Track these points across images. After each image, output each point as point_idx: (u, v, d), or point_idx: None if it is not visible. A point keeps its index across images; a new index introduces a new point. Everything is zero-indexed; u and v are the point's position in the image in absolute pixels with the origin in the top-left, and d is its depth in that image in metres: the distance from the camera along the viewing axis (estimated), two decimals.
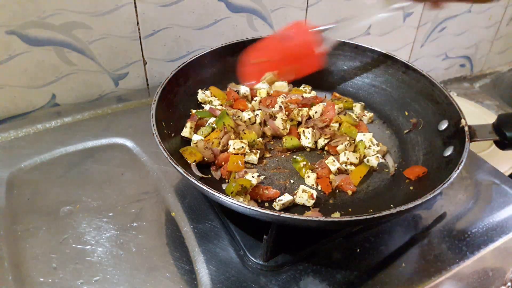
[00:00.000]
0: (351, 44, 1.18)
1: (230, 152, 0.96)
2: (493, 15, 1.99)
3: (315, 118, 1.07)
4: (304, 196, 0.87)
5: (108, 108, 1.23)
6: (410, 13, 1.73)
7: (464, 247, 0.88)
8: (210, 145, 0.96)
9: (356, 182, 0.93)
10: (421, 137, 1.02)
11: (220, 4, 1.31)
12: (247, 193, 0.87)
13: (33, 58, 1.14)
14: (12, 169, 1.00)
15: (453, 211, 0.97)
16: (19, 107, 1.20)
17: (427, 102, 1.04)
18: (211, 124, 1.01)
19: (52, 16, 1.11)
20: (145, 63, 1.32)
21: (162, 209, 0.93)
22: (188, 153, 0.93)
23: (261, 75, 1.16)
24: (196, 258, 0.83)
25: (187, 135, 1.00)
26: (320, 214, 0.86)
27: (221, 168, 0.95)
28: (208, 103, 1.10)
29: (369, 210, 0.87)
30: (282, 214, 0.70)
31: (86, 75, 1.24)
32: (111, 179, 0.99)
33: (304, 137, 1.01)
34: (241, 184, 0.85)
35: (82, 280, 0.78)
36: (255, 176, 0.90)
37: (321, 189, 0.92)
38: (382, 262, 0.85)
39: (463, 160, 0.82)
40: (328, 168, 0.95)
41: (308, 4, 1.46)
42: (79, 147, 1.08)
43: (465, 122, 0.91)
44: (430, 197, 0.74)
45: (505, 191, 1.03)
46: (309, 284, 0.79)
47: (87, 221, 0.89)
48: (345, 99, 1.16)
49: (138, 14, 1.21)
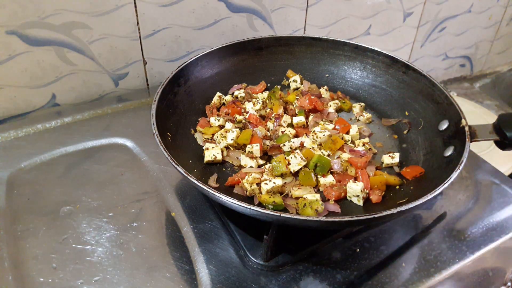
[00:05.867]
0: (351, 44, 1.18)
1: (263, 190, 0.89)
2: (493, 15, 1.99)
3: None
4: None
5: (108, 108, 1.23)
6: (410, 13, 1.73)
7: (464, 247, 0.88)
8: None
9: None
10: (421, 137, 1.02)
11: (220, 4, 1.31)
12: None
13: (33, 58, 1.14)
14: (12, 169, 1.00)
15: (453, 211, 0.97)
16: (19, 107, 1.20)
17: (427, 102, 1.04)
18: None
19: (52, 16, 1.11)
20: (145, 63, 1.32)
21: (162, 209, 0.93)
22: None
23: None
24: (196, 258, 0.83)
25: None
26: (339, 206, 0.86)
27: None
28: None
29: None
30: (282, 214, 0.70)
31: (86, 75, 1.24)
32: (111, 179, 0.99)
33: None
34: (273, 200, 0.85)
35: (82, 280, 0.78)
36: (277, 182, 0.88)
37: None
38: (382, 262, 0.85)
39: (464, 160, 0.82)
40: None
41: (308, 4, 1.46)
42: (79, 147, 1.08)
43: (465, 122, 0.91)
44: (430, 197, 0.74)
45: (505, 191, 1.03)
46: (309, 284, 0.79)
47: (87, 221, 0.89)
48: (343, 100, 1.16)
49: (138, 14, 1.21)
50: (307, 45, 1.22)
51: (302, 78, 1.21)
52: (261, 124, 1.05)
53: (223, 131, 1.02)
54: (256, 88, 1.18)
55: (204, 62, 1.12)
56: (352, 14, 1.59)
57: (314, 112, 1.10)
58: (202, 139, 1.02)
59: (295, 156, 0.92)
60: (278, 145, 0.99)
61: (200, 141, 1.02)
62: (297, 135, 1.04)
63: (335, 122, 1.07)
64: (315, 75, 1.23)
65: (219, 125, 1.05)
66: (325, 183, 0.91)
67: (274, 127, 1.05)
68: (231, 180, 0.92)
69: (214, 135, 1.02)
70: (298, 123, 1.06)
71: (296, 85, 1.20)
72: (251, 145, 0.97)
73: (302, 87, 1.19)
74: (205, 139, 1.02)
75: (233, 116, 1.07)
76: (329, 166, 0.93)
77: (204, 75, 1.13)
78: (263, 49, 1.21)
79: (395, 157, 0.97)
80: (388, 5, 1.65)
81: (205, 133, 1.03)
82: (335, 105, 1.13)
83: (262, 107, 1.10)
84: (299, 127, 1.06)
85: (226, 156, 0.99)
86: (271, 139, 1.02)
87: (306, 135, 1.01)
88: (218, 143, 1.00)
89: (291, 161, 0.92)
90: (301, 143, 0.99)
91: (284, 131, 1.03)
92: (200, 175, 0.93)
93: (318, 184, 0.92)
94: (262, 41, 1.20)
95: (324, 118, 1.09)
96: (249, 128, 1.03)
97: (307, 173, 0.91)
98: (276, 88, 1.14)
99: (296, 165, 0.92)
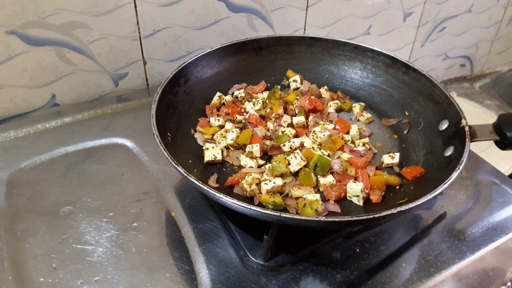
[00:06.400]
0: (352, 44, 1.18)
1: (263, 190, 0.89)
2: (493, 15, 1.99)
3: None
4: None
5: (108, 108, 1.23)
6: (410, 13, 1.73)
7: (464, 247, 0.88)
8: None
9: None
10: (421, 137, 1.02)
11: (220, 4, 1.31)
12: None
13: (33, 58, 1.14)
14: (12, 169, 1.00)
15: (453, 211, 0.97)
16: (19, 107, 1.20)
17: (427, 102, 1.04)
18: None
19: (52, 16, 1.11)
20: (145, 63, 1.32)
21: (162, 209, 0.93)
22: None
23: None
24: (196, 258, 0.83)
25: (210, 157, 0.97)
26: (339, 206, 0.86)
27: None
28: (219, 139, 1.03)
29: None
30: (282, 214, 0.70)
31: (86, 75, 1.24)
32: (111, 179, 0.99)
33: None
34: (273, 200, 0.85)
35: (82, 280, 0.78)
36: (277, 182, 0.88)
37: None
38: (382, 262, 0.85)
39: (464, 160, 0.82)
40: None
41: (308, 4, 1.46)
42: (79, 147, 1.08)
43: (465, 122, 0.91)
44: (430, 197, 0.74)
45: (505, 191, 1.03)
46: (309, 284, 0.79)
47: (87, 221, 0.89)
48: (343, 100, 1.16)
49: (138, 14, 1.21)
50: (307, 45, 1.22)
51: (302, 78, 1.21)
52: (261, 124, 1.05)
53: (223, 131, 1.02)
54: (256, 88, 1.18)
55: (204, 62, 1.12)
56: (352, 14, 1.59)
57: (314, 112, 1.10)
58: (202, 139, 1.02)
59: (295, 156, 0.92)
60: (278, 145, 0.99)
61: (200, 141, 1.02)
62: (297, 135, 1.04)
63: (335, 122, 1.07)
64: (315, 75, 1.23)
65: (219, 125, 1.05)
66: (325, 183, 0.91)
67: (274, 127, 1.05)
68: (231, 180, 0.92)
69: (214, 135, 1.02)
70: (298, 123, 1.06)
71: (296, 85, 1.20)
72: (251, 145, 0.97)
73: (302, 87, 1.19)
74: (205, 139, 1.02)
75: (233, 116, 1.07)
76: (329, 166, 0.93)
77: (204, 75, 1.13)
78: (263, 49, 1.21)
79: (395, 157, 0.97)
80: (388, 5, 1.65)
81: (205, 133, 1.03)
82: (335, 105, 1.13)
83: (262, 107, 1.10)
84: (299, 127, 1.06)
85: (226, 156, 0.99)
86: (271, 139, 1.02)
87: (306, 135, 1.01)
88: (218, 143, 1.00)
89: (291, 161, 0.92)
90: (301, 143, 0.99)
91: (284, 131, 1.03)
92: (200, 175, 0.93)
93: (318, 184, 0.92)
94: (262, 41, 1.20)
95: (324, 118, 1.09)
96: (249, 128, 1.03)
97: (307, 173, 0.91)
98: (276, 88, 1.14)
99: (296, 165, 0.92)
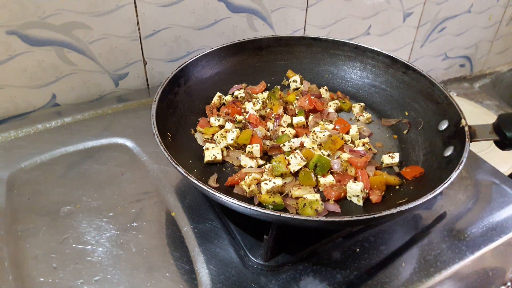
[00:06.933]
0: (351, 44, 1.18)
1: (263, 190, 0.89)
2: (493, 15, 2.00)
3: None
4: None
5: (108, 108, 1.23)
6: (410, 13, 1.73)
7: (464, 247, 0.89)
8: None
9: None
10: (421, 137, 1.02)
11: (220, 4, 1.31)
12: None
13: (33, 58, 1.14)
14: (12, 169, 1.00)
15: (453, 211, 0.97)
16: (19, 107, 1.20)
17: (427, 102, 1.04)
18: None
19: (52, 16, 1.11)
20: (145, 63, 1.32)
21: (162, 209, 0.93)
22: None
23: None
24: (196, 258, 0.83)
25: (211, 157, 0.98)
26: (339, 206, 0.86)
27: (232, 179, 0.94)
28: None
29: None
30: (282, 214, 0.70)
31: (86, 75, 1.24)
32: (111, 179, 0.99)
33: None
34: (274, 200, 0.85)
35: (82, 280, 0.78)
36: (277, 182, 0.88)
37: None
38: (382, 262, 0.85)
39: (463, 160, 0.82)
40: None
41: (308, 4, 1.47)
42: (79, 147, 1.08)
43: (465, 122, 0.91)
44: (430, 197, 0.74)
45: (505, 191, 1.03)
46: (309, 284, 0.79)
47: (87, 221, 0.89)
48: (343, 100, 1.16)
49: (138, 14, 1.21)
50: (307, 45, 1.22)
51: (302, 78, 1.21)
52: (261, 124, 1.05)
53: (223, 131, 1.02)
54: (256, 88, 1.19)
55: (204, 62, 1.12)
56: (352, 14, 1.59)
57: (314, 112, 1.10)
58: (202, 139, 1.02)
59: (295, 156, 0.92)
60: (278, 145, 0.99)
61: (200, 141, 1.02)
62: (297, 135, 1.04)
63: (335, 122, 1.07)
64: (315, 75, 1.23)
65: (219, 125, 1.05)
66: (325, 183, 0.91)
67: (274, 127, 1.05)
68: (231, 180, 0.92)
69: (214, 135, 1.02)
70: (298, 123, 1.06)
71: (296, 85, 1.20)
72: (251, 145, 0.97)
73: (302, 87, 1.19)
74: (205, 139, 1.02)
75: (233, 116, 1.07)
76: (329, 166, 0.93)
77: (204, 75, 1.13)
78: (263, 49, 1.21)
79: (395, 157, 0.97)
80: (388, 5, 1.65)
81: (205, 133, 1.03)
82: (335, 105, 1.13)
83: (262, 107, 1.10)
84: (299, 127, 1.06)
85: (226, 156, 0.99)
86: (271, 139, 1.02)
87: (306, 135, 1.01)
88: (218, 143, 1.00)
89: (291, 161, 0.92)
90: (301, 143, 0.99)
91: (284, 131, 1.03)
92: (200, 175, 0.93)
93: (318, 184, 0.92)
94: (262, 41, 1.20)
95: (324, 118, 1.09)
96: (249, 128, 1.03)
97: (307, 173, 0.91)
98: (276, 88, 1.14)
99: (296, 165, 0.92)
